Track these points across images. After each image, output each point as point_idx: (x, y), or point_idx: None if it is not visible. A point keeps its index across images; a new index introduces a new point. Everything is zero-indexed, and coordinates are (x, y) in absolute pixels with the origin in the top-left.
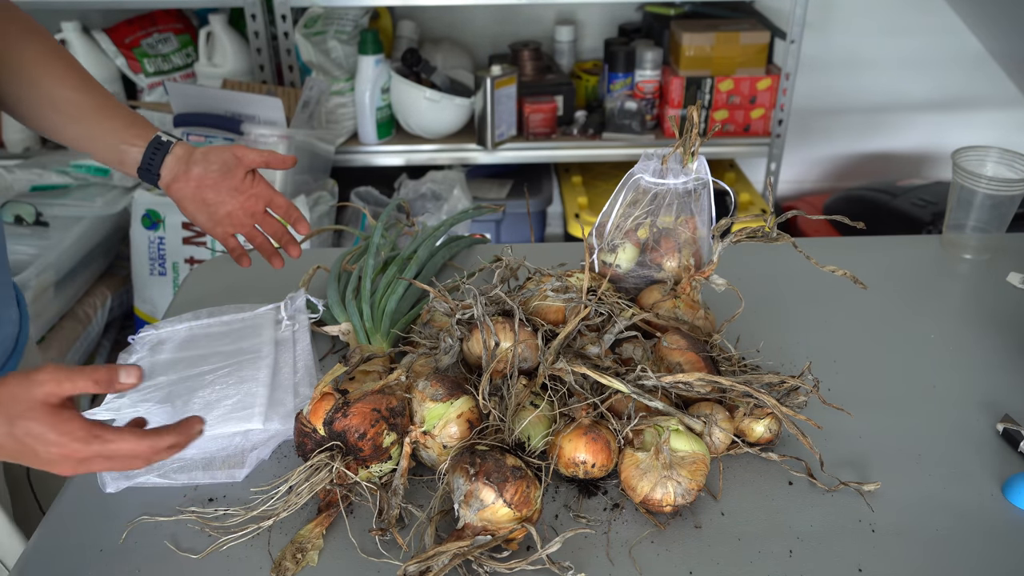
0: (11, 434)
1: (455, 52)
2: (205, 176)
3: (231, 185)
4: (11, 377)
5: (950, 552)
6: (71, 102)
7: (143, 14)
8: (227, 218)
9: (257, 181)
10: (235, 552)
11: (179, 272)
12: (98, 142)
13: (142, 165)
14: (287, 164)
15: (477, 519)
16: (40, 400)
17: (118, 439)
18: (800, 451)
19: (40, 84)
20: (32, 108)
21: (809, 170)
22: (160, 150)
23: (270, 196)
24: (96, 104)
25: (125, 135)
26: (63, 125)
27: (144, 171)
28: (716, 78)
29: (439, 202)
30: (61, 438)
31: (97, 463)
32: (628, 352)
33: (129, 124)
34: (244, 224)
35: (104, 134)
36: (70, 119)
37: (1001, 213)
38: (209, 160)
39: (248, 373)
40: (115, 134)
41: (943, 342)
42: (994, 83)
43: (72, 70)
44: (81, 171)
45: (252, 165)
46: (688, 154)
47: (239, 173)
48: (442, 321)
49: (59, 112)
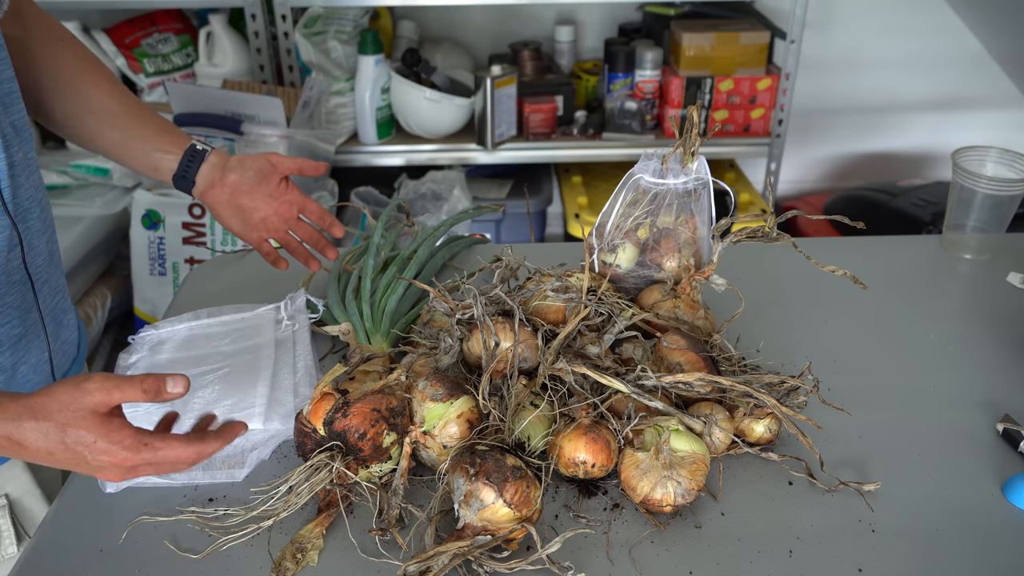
0: (62, 441)
1: (455, 52)
2: (240, 183)
3: (266, 191)
4: (61, 385)
5: (950, 552)
6: (108, 110)
7: (143, 14)
8: (261, 223)
9: (291, 188)
10: (235, 552)
11: (179, 272)
12: (133, 150)
13: (178, 173)
14: (320, 171)
15: (477, 519)
16: (91, 409)
17: (166, 446)
18: (800, 451)
19: (80, 91)
20: (71, 116)
21: (809, 170)
22: (196, 158)
23: (303, 202)
24: (132, 112)
25: (159, 143)
26: (100, 133)
27: (180, 179)
28: (716, 78)
29: (439, 202)
30: (112, 447)
31: (144, 469)
32: (628, 352)
33: (163, 132)
34: (278, 229)
35: (139, 142)
36: (108, 127)
37: (1001, 213)
38: (245, 167)
39: (248, 373)
40: (149, 142)
41: (943, 342)
42: (994, 83)
43: (106, 77)
44: (81, 171)
45: (286, 171)
46: (688, 154)
47: (274, 180)
48: (442, 321)
49: (98, 120)
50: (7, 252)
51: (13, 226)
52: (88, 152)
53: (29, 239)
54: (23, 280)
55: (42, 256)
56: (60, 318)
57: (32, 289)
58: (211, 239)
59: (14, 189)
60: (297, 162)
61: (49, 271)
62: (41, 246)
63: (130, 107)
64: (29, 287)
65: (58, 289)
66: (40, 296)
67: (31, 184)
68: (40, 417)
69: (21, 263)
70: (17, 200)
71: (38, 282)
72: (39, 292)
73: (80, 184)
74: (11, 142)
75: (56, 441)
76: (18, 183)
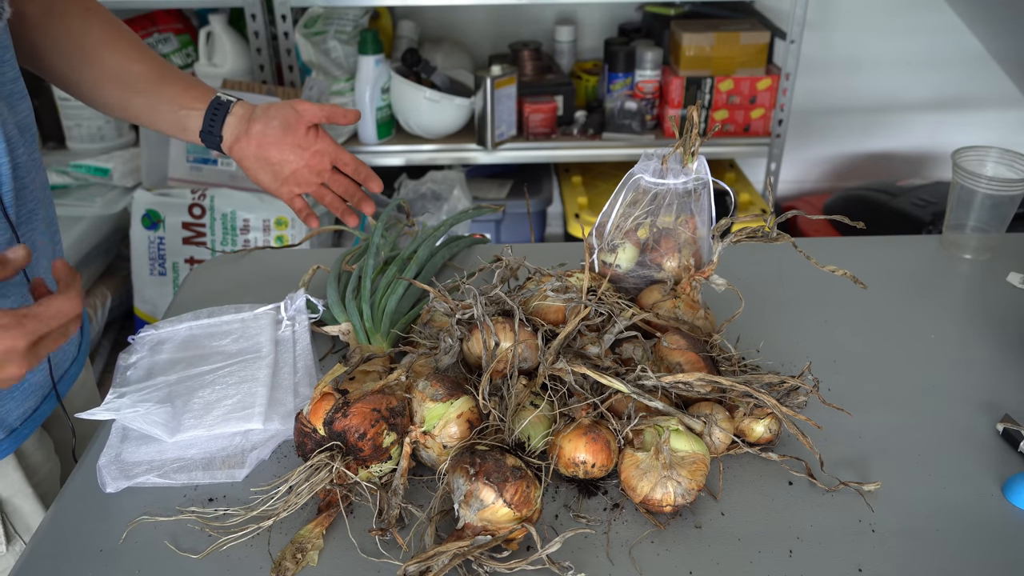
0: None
1: (455, 52)
2: (266, 133)
3: (293, 142)
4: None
5: (950, 552)
6: (135, 75)
7: (143, 14)
8: (292, 177)
9: (321, 137)
10: (235, 552)
11: (179, 272)
12: (160, 112)
13: (203, 128)
14: (350, 118)
15: (477, 519)
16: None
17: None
18: (800, 451)
19: (106, 63)
20: (97, 87)
21: (809, 170)
22: (220, 111)
23: (335, 152)
24: (157, 74)
25: (184, 99)
26: (127, 100)
27: (206, 134)
28: (716, 78)
29: (439, 202)
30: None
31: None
32: (628, 352)
33: (187, 88)
34: (311, 183)
35: (165, 103)
36: (135, 92)
37: (1001, 213)
38: (269, 116)
39: (248, 373)
40: (174, 100)
41: (943, 342)
42: (994, 83)
43: (133, 44)
44: (81, 171)
45: (313, 120)
46: (688, 154)
47: (300, 129)
48: (442, 321)
49: (125, 87)
50: None
51: (13, 231)
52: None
53: (33, 241)
54: (20, 281)
55: (46, 259)
56: None
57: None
58: (211, 239)
59: (17, 191)
60: (325, 109)
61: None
62: (46, 248)
63: (156, 69)
64: (28, 291)
65: None
66: None
67: (37, 185)
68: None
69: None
70: (21, 202)
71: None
72: None
73: (80, 184)
74: (16, 144)
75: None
76: (23, 184)
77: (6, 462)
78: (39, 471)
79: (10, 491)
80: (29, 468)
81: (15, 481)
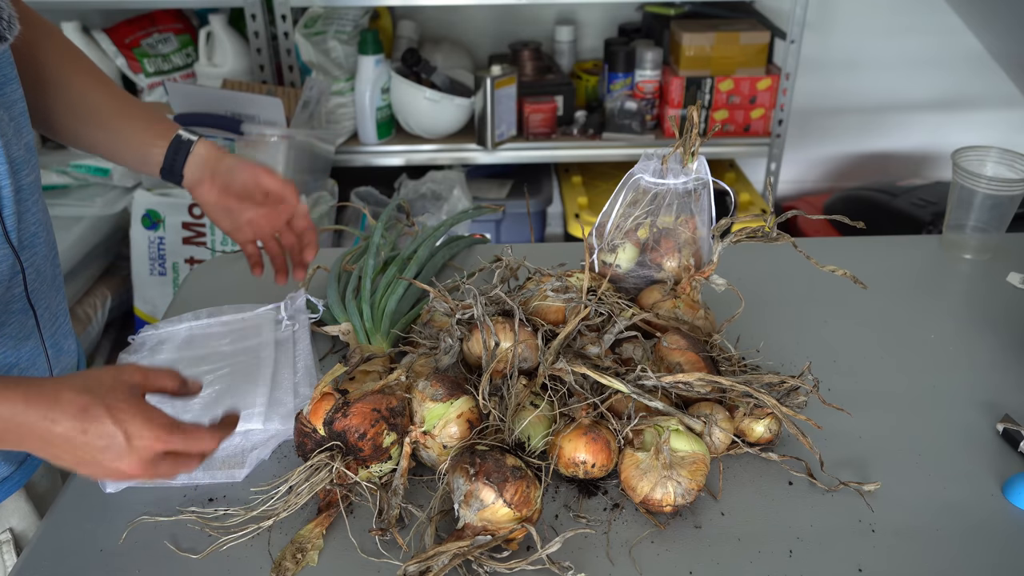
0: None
1: (455, 52)
2: (228, 188)
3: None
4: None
5: (950, 552)
6: (94, 107)
7: (143, 14)
8: (248, 225)
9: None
10: (235, 552)
11: (179, 272)
12: (122, 146)
13: (164, 166)
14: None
15: (477, 519)
16: (130, 385)
17: (195, 431)
18: (800, 451)
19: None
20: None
21: (809, 170)
22: (182, 149)
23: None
24: (117, 107)
25: (145, 136)
26: (87, 133)
27: (167, 171)
28: (716, 78)
29: (439, 202)
30: (147, 424)
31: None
32: (628, 352)
33: (150, 123)
34: (264, 232)
35: (126, 138)
36: (95, 126)
37: (1001, 213)
38: (234, 175)
39: (248, 373)
40: (136, 136)
41: (943, 342)
42: (994, 83)
43: (91, 74)
44: (81, 171)
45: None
46: (688, 154)
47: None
48: (442, 321)
49: (84, 121)
50: (8, 281)
51: (15, 255)
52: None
53: (36, 265)
54: (24, 309)
55: (46, 283)
56: (61, 344)
57: (35, 316)
58: (211, 239)
59: (20, 215)
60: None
61: (51, 296)
62: (46, 271)
63: (116, 101)
64: (31, 315)
65: (59, 314)
66: (42, 323)
67: (39, 208)
68: (80, 390)
69: (23, 291)
70: (23, 225)
71: (39, 308)
72: (41, 319)
73: (80, 184)
74: (20, 166)
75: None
76: (25, 207)
77: (18, 497)
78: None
79: (24, 525)
80: (40, 501)
81: (27, 515)
